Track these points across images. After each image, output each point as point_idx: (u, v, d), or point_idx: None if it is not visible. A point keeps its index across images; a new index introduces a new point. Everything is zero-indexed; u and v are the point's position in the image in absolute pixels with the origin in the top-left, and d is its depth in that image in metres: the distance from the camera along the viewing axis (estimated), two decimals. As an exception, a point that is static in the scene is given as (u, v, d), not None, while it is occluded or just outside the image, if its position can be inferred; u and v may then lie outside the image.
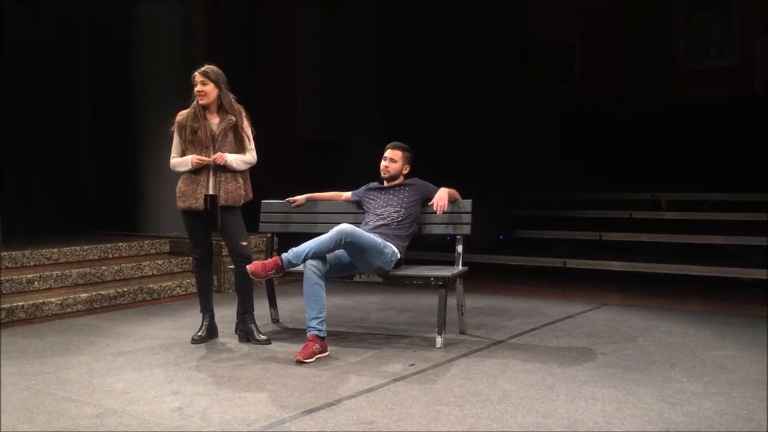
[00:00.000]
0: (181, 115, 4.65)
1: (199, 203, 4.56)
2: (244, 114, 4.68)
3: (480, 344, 4.61)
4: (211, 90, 4.56)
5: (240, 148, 4.64)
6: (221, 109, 4.61)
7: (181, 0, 8.06)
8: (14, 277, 5.82)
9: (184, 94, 4.69)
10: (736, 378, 3.78)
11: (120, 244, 6.79)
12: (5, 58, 8.01)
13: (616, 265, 7.50)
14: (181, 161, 4.62)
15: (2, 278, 5.74)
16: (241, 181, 4.66)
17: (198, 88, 4.55)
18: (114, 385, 3.79)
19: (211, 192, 4.58)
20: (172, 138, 4.68)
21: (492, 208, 8.94)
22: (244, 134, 4.64)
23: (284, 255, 4.35)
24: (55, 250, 6.26)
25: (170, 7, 7.91)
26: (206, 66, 4.61)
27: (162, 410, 3.38)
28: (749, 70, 9.86)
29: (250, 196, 4.78)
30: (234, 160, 4.58)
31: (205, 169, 4.57)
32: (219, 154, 4.53)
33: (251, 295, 4.76)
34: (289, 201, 5.28)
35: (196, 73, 4.58)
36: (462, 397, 3.49)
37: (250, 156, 4.68)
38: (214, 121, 4.60)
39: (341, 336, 4.87)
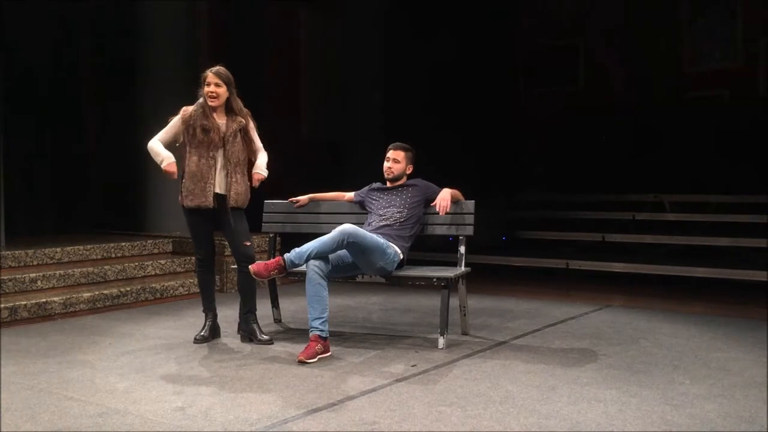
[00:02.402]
0: (188, 110, 4.62)
1: (208, 201, 4.55)
2: (250, 118, 4.70)
3: (482, 345, 4.60)
4: (223, 92, 4.56)
5: (250, 151, 4.69)
6: (229, 111, 4.62)
7: (186, 0, 8.07)
8: (17, 276, 5.83)
9: (188, 94, 4.68)
10: (739, 380, 3.77)
11: (123, 243, 6.80)
12: (9, 57, 8.02)
13: (619, 267, 7.48)
14: (161, 152, 4.55)
15: (5, 277, 5.75)
16: (248, 182, 4.69)
17: (211, 89, 4.54)
18: (116, 385, 3.80)
19: (221, 191, 4.58)
20: (169, 123, 4.63)
21: (495, 209, 8.93)
22: (252, 136, 4.68)
23: (287, 255, 4.35)
24: (58, 249, 6.27)
25: (174, 7, 7.91)
26: (218, 67, 4.59)
27: (164, 410, 3.38)
28: (754, 71, 9.84)
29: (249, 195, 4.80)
30: (263, 168, 4.76)
31: (213, 168, 4.56)
32: (257, 175, 4.71)
33: (254, 295, 4.76)
34: (291, 201, 5.28)
35: (209, 73, 4.55)
36: (464, 398, 3.48)
37: (266, 154, 4.80)
38: (221, 122, 4.61)
39: (343, 336, 4.87)
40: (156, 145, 4.59)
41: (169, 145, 4.63)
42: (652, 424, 3.12)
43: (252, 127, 4.70)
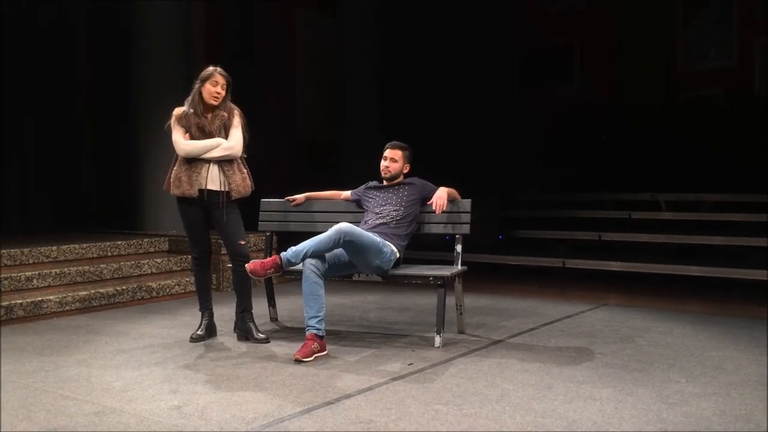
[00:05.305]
0: (179, 111, 4.61)
1: (194, 191, 4.54)
2: (236, 112, 4.67)
3: (478, 344, 4.61)
4: (224, 94, 4.59)
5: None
6: (215, 108, 4.62)
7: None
8: (13, 274, 5.81)
9: (184, 93, 4.67)
10: (735, 378, 3.78)
11: (119, 242, 6.79)
12: (4, 55, 8.01)
13: (615, 266, 7.50)
14: (207, 142, 4.51)
15: (1, 276, 5.73)
16: (245, 171, 4.69)
17: (218, 89, 4.54)
18: (112, 384, 3.79)
19: (216, 188, 4.58)
20: (169, 131, 4.61)
21: (491, 208, 8.94)
22: (231, 131, 4.62)
23: (283, 254, 4.35)
24: (53, 248, 6.26)
25: (170, 6, 7.90)
26: (220, 68, 4.59)
27: (160, 409, 3.38)
28: (748, 71, 9.87)
29: (253, 186, 4.76)
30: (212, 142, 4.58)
31: (206, 162, 4.55)
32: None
33: (249, 294, 4.76)
34: (288, 200, 5.28)
35: (217, 74, 4.54)
36: (460, 397, 3.49)
37: (229, 143, 4.59)
38: (207, 116, 4.61)
39: (340, 335, 4.87)
40: (194, 142, 4.53)
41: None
42: (647, 422, 3.13)
43: (236, 123, 4.63)
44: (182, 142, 4.55)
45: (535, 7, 11.17)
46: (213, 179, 4.57)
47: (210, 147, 4.54)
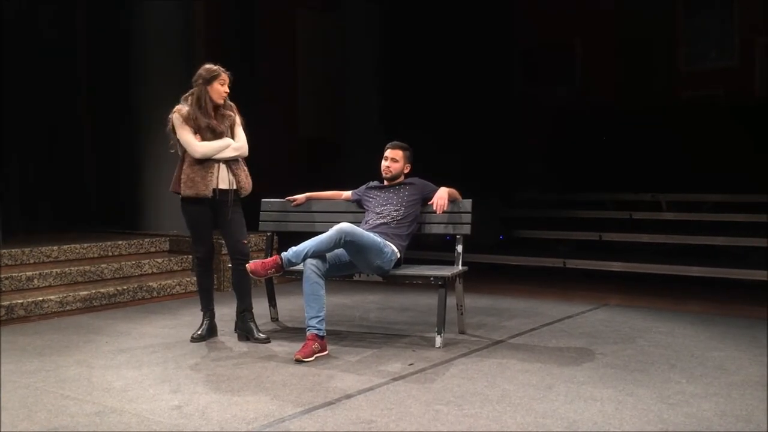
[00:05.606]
0: (182, 110, 4.59)
1: (208, 190, 4.54)
2: (236, 109, 4.72)
3: (479, 344, 4.61)
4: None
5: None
6: (218, 106, 4.63)
7: (182, -1, 8.07)
8: (14, 274, 5.82)
9: (183, 93, 4.67)
10: (736, 379, 3.78)
11: (120, 242, 6.79)
12: (4, 55, 8.01)
13: (616, 266, 7.50)
14: (219, 143, 4.54)
15: (2, 276, 5.73)
16: (245, 169, 4.72)
17: (225, 88, 4.58)
18: (113, 383, 3.79)
19: (225, 186, 4.58)
20: (172, 132, 4.58)
21: (492, 208, 8.94)
22: (236, 131, 4.67)
23: (284, 254, 4.35)
24: (54, 247, 6.26)
25: (170, 6, 7.90)
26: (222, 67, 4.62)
27: (161, 408, 3.38)
28: (749, 71, 9.87)
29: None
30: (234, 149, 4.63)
31: (217, 162, 4.56)
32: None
33: (249, 293, 4.77)
34: (289, 200, 5.28)
35: (222, 74, 4.57)
36: (461, 397, 3.49)
37: (238, 143, 4.65)
38: (213, 115, 4.61)
39: (341, 335, 4.87)
40: (208, 143, 4.53)
41: None
42: (648, 422, 3.13)
43: (238, 121, 4.69)
44: (197, 144, 4.54)
45: (535, 7, 11.16)
46: (223, 178, 4.60)
47: (222, 147, 4.57)
